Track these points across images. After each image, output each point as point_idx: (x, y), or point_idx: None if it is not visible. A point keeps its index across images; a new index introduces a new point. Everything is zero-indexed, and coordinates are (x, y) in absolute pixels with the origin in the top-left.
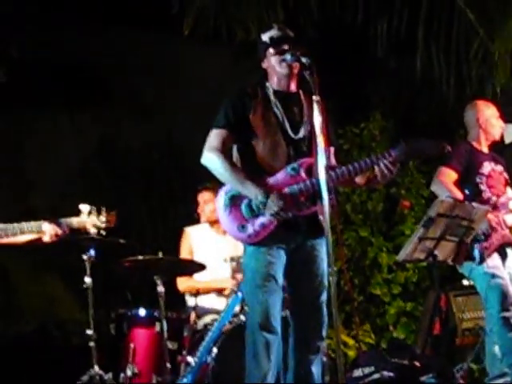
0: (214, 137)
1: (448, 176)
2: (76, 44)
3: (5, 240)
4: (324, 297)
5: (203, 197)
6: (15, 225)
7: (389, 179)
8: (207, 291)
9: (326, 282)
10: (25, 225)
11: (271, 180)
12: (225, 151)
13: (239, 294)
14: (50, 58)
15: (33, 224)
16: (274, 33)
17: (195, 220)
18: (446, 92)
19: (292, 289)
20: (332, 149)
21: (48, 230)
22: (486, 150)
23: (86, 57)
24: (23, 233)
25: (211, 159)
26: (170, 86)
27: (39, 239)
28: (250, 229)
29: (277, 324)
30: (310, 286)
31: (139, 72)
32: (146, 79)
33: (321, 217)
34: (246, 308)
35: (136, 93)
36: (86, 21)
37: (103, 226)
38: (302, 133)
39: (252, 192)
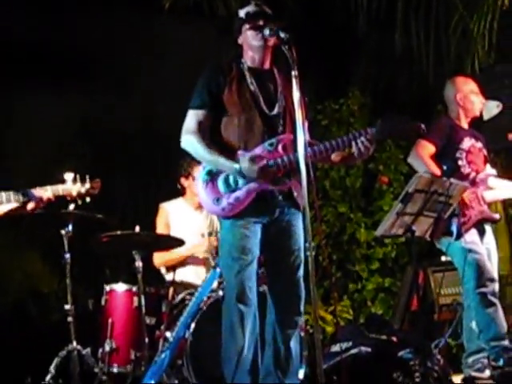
0: (191, 118)
1: (426, 149)
2: (62, 24)
3: None
4: (301, 272)
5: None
6: (1, 193)
7: (365, 157)
8: (181, 262)
9: (302, 257)
10: (11, 193)
11: (248, 155)
12: (202, 132)
13: (217, 269)
14: (36, 37)
15: (19, 191)
16: (250, 8)
17: (179, 193)
18: (425, 69)
19: (269, 264)
20: (306, 123)
21: (34, 196)
22: (465, 125)
23: (71, 35)
24: (9, 201)
25: (189, 142)
26: (154, 63)
27: (24, 206)
28: (225, 202)
29: (253, 296)
30: (287, 261)
31: (124, 50)
32: (130, 57)
33: (295, 192)
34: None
35: (120, 70)
36: (71, 4)
37: (89, 192)
38: (276, 109)
39: (227, 166)
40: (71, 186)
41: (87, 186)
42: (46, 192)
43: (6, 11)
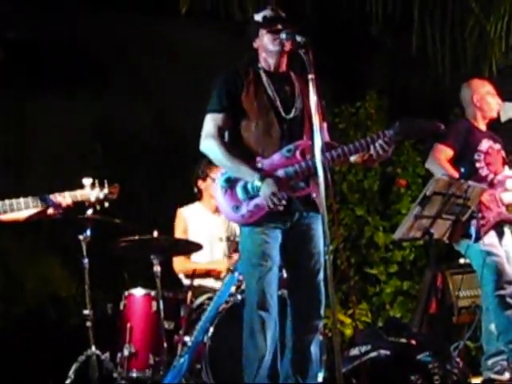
0: (210, 122)
1: (443, 153)
2: (75, 25)
3: (8, 216)
4: (321, 276)
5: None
6: (20, 199)
7: (384, 159)
8: (203, 273)
9: (322, 261)
10: (29, 199)
11: (266, 162)
12: (221, 136)
13: (236, 273)
14: (49, 38)
15: (37, 197)
16: (267, 13)
17: (196, 197)
18: (441, 71)
19: (289, 268)
20: (325, 124)
21: (53, 202)
22: (483, 127)
23: (85, 38)
24: (28, 207)
25: (209, 147)
26: (169, 66)
27: (44, 212)
28: (244, 209)
29: (273, 302)
30: (307, 265)
31: (138, 53)
32: (146, 60)
33: (314, 195)
34: (243, 287)
35: (135, 73)
36: (85, 2)
37: (107, 197)
38: (293, 112)
39: (248, 175)
40: (89, 191)
41: (106, 191)
42: (64, 198)
43: (30, 15)
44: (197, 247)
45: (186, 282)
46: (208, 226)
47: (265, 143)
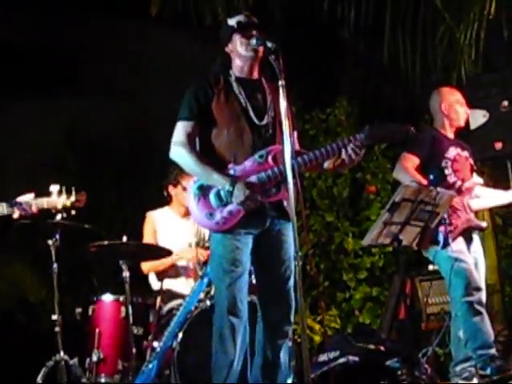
0: (180, 130)
1: (410, 161)
2: (48, 31)
3: None
4: (291, 282)
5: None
6: None
7: (355, 163)
8: (170, 267)
9: (293, 267)
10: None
11: (239, 168)
12: (191, 143)
13: (205, 279)
14: (21, 43)
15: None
16: (241, 18)
17: (166, 202)
18: (411, 78)
19: (259, 274)
20: (295, 133)
21: (19, 205)
22: (451, 135)
23: (57, 43)
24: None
25: (179, 154)
26: (141, 72)
27: (9, 216)
28: (218, 216)
29: (244, 308)
30: (278, 271)
31: (110, 59)
32: (117, 66)
33: (285, 202)
34: (212, 293)
35: (106, 79)
36: (58, 8)
37: (74, 205)
38: (266, 119)
39: (219, 182)
40: (56, 198)
41: (72, 198)
42: (30, 205)
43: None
44: (166, 253)
45: (156, 286)
46: (177, 230)
47: (237, 150)
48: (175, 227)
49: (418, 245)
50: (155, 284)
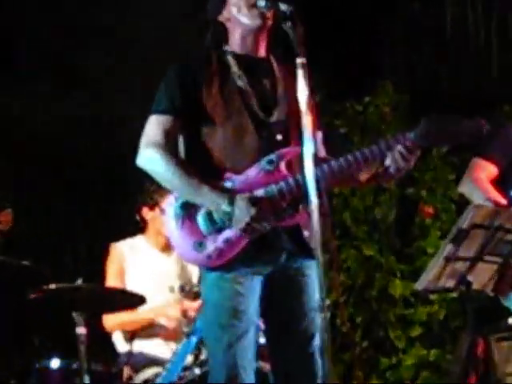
0: (154, 126)
1: (484, 171)
2: None
3: None
4: (317, 342)
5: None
6: None
7: (404, 173)
8: (144, 326)
9: (318, 322)
10: None
11: (239, 179)
12: (170, 146)
13: (193, 337)
14: None
15: None
16: None
17: (138, 230)
18: (484, 56)
19: (272, 332)
20: (320, 134)
21: None
22: None
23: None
24: None
25: (151, 159)
26: (104, 46)
27: None
28: (211, 247)
29: (249, 379)
30: (298, 327)
31: (60, 31)
32: (69, 40)
33: (305, 232)
34: (203, 357)
35: (55, 56)
36: None
37: None
38: (276, 114)
39: (212, 200)
40: None
41: None
42: None
43: None
44: (138, 301)
45: (123, 348)
46: (154, 268)
47: (236, 155)
48: (151, 265)
49: (495, 289)
50: (122, 345)
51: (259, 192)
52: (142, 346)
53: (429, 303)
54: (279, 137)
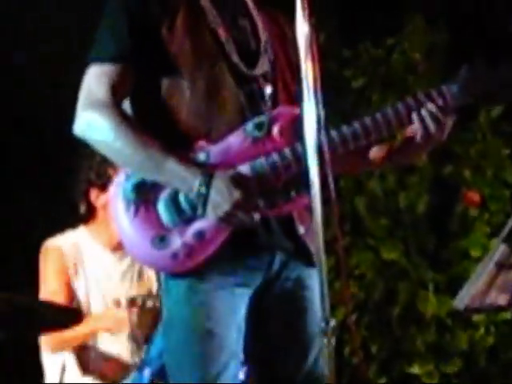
0: (96, 80)
1: None
2: None
3: None
4: (320, 371)
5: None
6: None
7: (437, 142)
8: (83, 342)
9: (320, 348)
10: None
11: (216, 150)
12: (118, 106)
13: (146, 370)
14: None
15: None
16: None
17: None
18: None
19: (261, 363)
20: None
21: None
22: None
23: None
24: None
25: (93, 124)
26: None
27: None
28: (176, 243)
29: None
30: (295, 354)
31: None
32: None
33: (301, 228)
34: None
35: None
36: None
37: None
38: (261, 65)
39: (180, 178)
40: None
41: None
42: None
43: None
44: (74, 318)
45: (55, 366)
46: (101, 275)
47: (211, 117)
48: (97, 269)
49: None
50: (51, 364)
51: (244, 168)
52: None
53: (472, 327)
54: (268, 93)
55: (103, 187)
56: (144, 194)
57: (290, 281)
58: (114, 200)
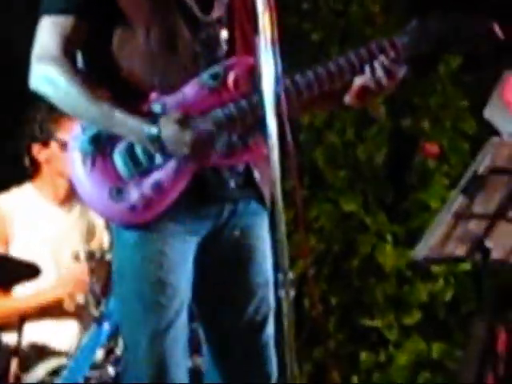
0: (49, 33)
1: None
2: None
3: None
4: (270, 329)
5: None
6: None
7: (388, 91)
8: (38, 312)
9: (272, 301)
10: None
11: (171, 100)
12: (72, 58)
13: (105, 324)
14: None
15: None
16: None
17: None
18: None
19: (210, 314)
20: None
21: None
22: None
23: None
24: None
25: (47, 77)
26: None
27: None
28: (134, 195)
29: (180, 379)
30: (244, 308)
31: None
32: None
33: (258, 172)
34: (119, 352)
35: None
36: None
37: None
38: (217, 10)
39: (128, 127)
40: None
41: None
42: None
43: None
44: (28, 272)
45: (8, 337)
46: (49, 229)
47: (166, 67)
48: (45, 224)
49: None
50: (7, 334)
51: (199, 127)
52: (30, 332)
53: (431, 278)
54: (223, 42)
55: (45, 143)
56: (101, 146)
57: (237, 229)
58: (71, 153)
